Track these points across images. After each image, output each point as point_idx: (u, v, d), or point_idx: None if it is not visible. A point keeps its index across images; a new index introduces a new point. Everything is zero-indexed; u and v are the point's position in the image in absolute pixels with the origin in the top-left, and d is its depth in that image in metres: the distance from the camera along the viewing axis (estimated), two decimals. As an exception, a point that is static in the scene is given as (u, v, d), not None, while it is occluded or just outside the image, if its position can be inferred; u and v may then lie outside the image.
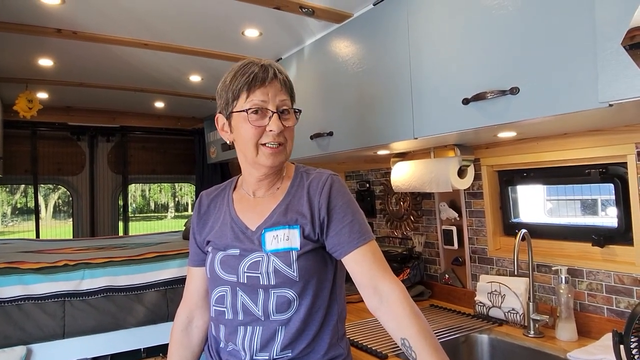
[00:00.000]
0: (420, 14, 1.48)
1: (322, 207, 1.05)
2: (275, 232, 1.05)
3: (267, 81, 1.04)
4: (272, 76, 1.05)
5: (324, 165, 2.59)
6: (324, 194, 1.06)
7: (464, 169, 1.82)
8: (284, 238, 1.03)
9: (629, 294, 1.46)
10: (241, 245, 1.07)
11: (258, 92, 1.03)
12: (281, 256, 1.02)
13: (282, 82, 1.07)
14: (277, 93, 1.05)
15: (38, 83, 2.72)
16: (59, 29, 1.86)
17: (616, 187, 1.53)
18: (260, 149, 1.05)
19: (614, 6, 0.93)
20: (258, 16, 1.80)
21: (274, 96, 1.04)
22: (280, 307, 1.02)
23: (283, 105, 1.06)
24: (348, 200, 1.08)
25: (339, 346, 1.10)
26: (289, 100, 1.08)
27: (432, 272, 2.22)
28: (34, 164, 3.64)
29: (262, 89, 1.03)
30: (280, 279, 1.01)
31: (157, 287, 1.98)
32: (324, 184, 1.08)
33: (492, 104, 1.24)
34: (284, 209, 1.08)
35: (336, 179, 1.11)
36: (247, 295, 1.05)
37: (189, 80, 2.73)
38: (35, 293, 1.75)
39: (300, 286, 1.02)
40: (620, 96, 0.93)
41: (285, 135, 1.07)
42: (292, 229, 1.04)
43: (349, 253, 1.03)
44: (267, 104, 1.03)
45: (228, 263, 1.08)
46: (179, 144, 4.32)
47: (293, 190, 1.11)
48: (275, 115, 1.03)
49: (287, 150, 1.09)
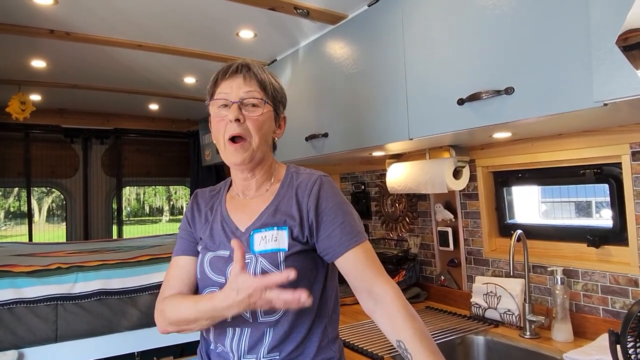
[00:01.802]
0: (414, 14, 1.48)
1: (310, 210, 1.03)
2: (263, 234, 1.03)
3: (229, 73, 1.05)
4: (237, 70, 1.06)
5: (319, 167, 2.58)
6: (312, 196, 1.04)
7: (459, 170, 1.81)
8: (272, 239, 1.02)
9: (624, 294, 1.46)
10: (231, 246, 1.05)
11: (223, 84, 1.05)
12: (268, 257, 1.01)
13: (252, 76, 1.06)
14: (242, 85, 1.04)
15: (31, 85, 2.69)
16: (51, 30, 1.84)
17: (611, 188, 1.54)
18: (226, 144, 1.05)
19: (607, 6, 0.93)
20: (253, 17, 1.79)
21: (238, 88, 1.04)
22: (269, 309, 1.00)
23: (248, 96, 1.04)
24: (338, 202, 1.06)
25: (330, 349, 1.07)
26: (258, 93, 1.05)
27: (427, 273, 2.22)
28: (27, 167, 3.61)
29: (227, 81, 1.05)
30: None
31: (151, 290, 1.96)
32: (313, 186, 1.06)
33: (487, 104, 1.24)
34: (273, 211, 1.06)
35: (325, 180, 1.08)
36: None
37: (183, 82, 2.72)
38: (27, 296, 1.72)
39: (288, 288, 1.01)
40: (614, 95, 0.93)
41: (249, 128, 1.04)
42: (281, 230, 1.03)
43: (341, 255, 1.01)
44: (229, 95, 1.04)
45: (216, 265, 1.06)
46: (174, 146, 4.30)
47: (283, 192, 1.09)
48: (234, 105, 1.03)
49: (253, 145, 1.04)
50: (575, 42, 1.02)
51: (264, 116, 1.06)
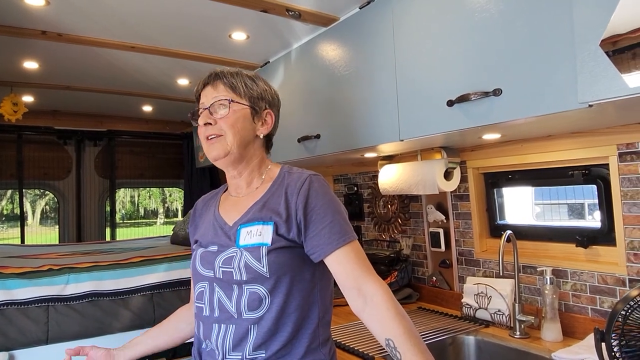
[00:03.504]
0: (405, 17, 1.50)
1: (299, 208, 1.04)
2: (249, 228, 1.07)
3: (202, 88, 1.16)
4: (205, 82, 1.15)
5: (312, 168, 2.57)
6: (302, 194, 1.05)
7: (450, 172, 1.83)
8: (256, 233, 1.05)
9: (612, 294, 1.47)
10: (218, 241, 1.11)
11: (202, 96, 1.16)
12: (252, 251, 1.03)
13: (215, 82, 1.14)
14: (211, 92, 1.13)
15: (23, 86, 2.69)
16: (43, 31, 1.84)
17: (599, 188, 1.55)
18: (204, 143, 1.14)
19: (591, 10, 0.95)
20: (245, 19, 1.80)
21: (207, 97, 1.13)
22: (252, 304, 1.02)
23: (215, 101, 1.11)
24: (328, 201, 1.06)
25: (320, 351, 1.07)
26: (224, 95, 1.12)
27: (419, 274, 2.23)
28: (19, 169, 3.59)
29: (203, 92, 1.15)
30: (251, 275, 1.02)
31: (144, 292, 1.96)
32: (302, 184, 1.07)
33: (476, 105, 1.25)
34: (261, 206, 1.09)
35: (315, 179, 1.09)
36: (223, 291, 1.07)
37: (176, 84, 2.72)
38: (18, 298, 1.71)
39: (272, 283, 1.02)
40: (599, 97, 0.95)
41: (222, 127, 1.10)
42: (266, 225, 1.05)
43: (330, 254, 1.02)
44: (204, 104, 1.13)
45: (206, 259, 1.11)
46: (167, 148, 4.29)
47: (273, 189, 1.12)
48: (204, 111, 1.12)
49: (227, 141, 1.10)
50: (561, 45, 1.04)
51: (235, 114, 1.12)
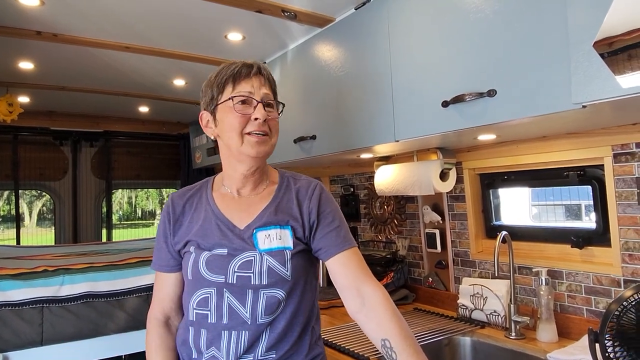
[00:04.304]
0: (400, 18, 1.50)
1: (312, 212, 1.09)
2: (267, 232, 1.06)
3: (251, 74, 1.08)
4: (256, 70, 1.09)
5: (308, 169, 2.60)
6: (314, 199, 1.11)
7: (446, 172, 1.83)
8: (276, 237, 1.05)
9: (607, 295, 1.47)
10: (229, 244, 1.05)
11: (243, 83, 1.07)
12: (275, 255, 1.04)
13: (266, 78, 1.11)
14: (261, 86, 1.08)
15: (19, 86, 2.68)
16: (38, 31, 1.84)
17: (594, 189, 1.56)
18: (245, 137, 1.06)
19: (585, 10, 0.95)
20: (241, 20, 1.80)
21: (259, 88, 1.07)
22: (269, 308, 1.03)
23: (267, 98, 1.09)
24: (335, 208, 1.14)
25: (317, 345, 1.12)
26: (272, 96, 1.11)
27: (415, 275, 2.23)
28: (15, 170, 3.58)
29: (247, 80, 1.07)
30: (273, 279, 1.02)
31: (139, 293, 1.95)
32: (314, 190, 1.13)
33: (471, 106, 1.25)
34: (274, 210, 1.09)
35: (323, 187, 1.16)
36: (234, 296, 1.03)
37: (173, 85, 2.71)
38: (12, 299, 1.71)
39: (290, 285, 1.05)
40: (592, 97, 0.95)
41: (270, 125, 1.09)
42: (284, 229, 1.07)
43: (336, 255, 1.07)
44: (253, 94, 1.06)
45: (215, 263, 1.04)
46: (164, 148, 4.28)
47: (281, 194, 1.13)
48: (260, 104, 1.06)
49: (272, 141, 1.10)
50: (555, 45, 1.04)
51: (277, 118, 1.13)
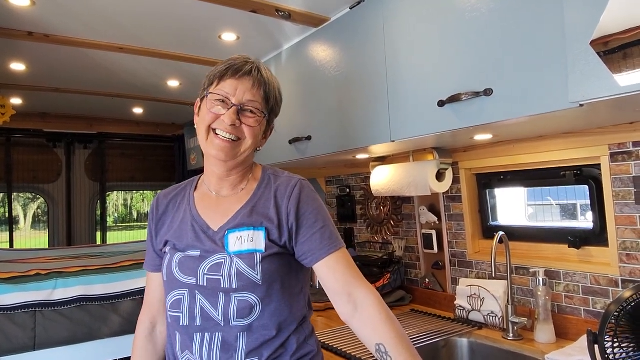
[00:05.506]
0: (395, 17, 1.49)
1: (290, 213, 1.02)
2: (239, 234, 1.01)
3: (239, 75, 1.02)
4: (246, 72, 1.02)
5: (304, 170, 2.58)
6: (293, 199, 1.03)
7: (443, 173, 1.82)
8: (248, 239, 1.00)
9: (605, 295, 1.47)
10: (202, 246, 1.02)
11: (227, 82, 1.02)
12: (245, 258, 0.98)
13: (258, 81, 1.03)
14: (247, 90, 1.02)
15: (11, 88, 2.65)
16: (30, 32, 1.81)
17: (590, 189, 1.55)
18: (210, 134, 1.02)
19: (582, 9, 0.94)
20: (235, 20, 1.78)
21: (242, 92, 1.01)
22: (242, 312, 0.98)
23: (249, 104, 1.02)
24: (318, 207, 1.05)
25: (307, 344, 1.06)
26: (259, 103, 1.04)
27: (412, 276, 2.22)
28: (8, 172, 3.56)
29: (232, 80, 1.02)
30: (243, 282, 0.97)
31: (134, 296, 1.93)
32: (293, 189, 1.04)
33: (467, 105, 1.24)
34: (249, 211, 1.04)
35: (305, 184, 1.08)
36: (206, 299, 1.00)
37: (167, 86, 2.70)
38: (4, 304, 1.68)
39: (264, 290, 0.99)
40: (589, 96, 0.94)
41: (244, 131, 1.03)
42: (257, 231, 1.01)
43: (321, 259, 1.01)
44: (231, 96, 1.01)
45: (187, 265, 1.02)
46: (159, 150, 4.26)
47: (260, 193, 1.07)
48: (233, 108, 1.00)
49: (243, 148, 1.03)
50: (552, 44, 1.03)
51: (260, 126, 1.06)
